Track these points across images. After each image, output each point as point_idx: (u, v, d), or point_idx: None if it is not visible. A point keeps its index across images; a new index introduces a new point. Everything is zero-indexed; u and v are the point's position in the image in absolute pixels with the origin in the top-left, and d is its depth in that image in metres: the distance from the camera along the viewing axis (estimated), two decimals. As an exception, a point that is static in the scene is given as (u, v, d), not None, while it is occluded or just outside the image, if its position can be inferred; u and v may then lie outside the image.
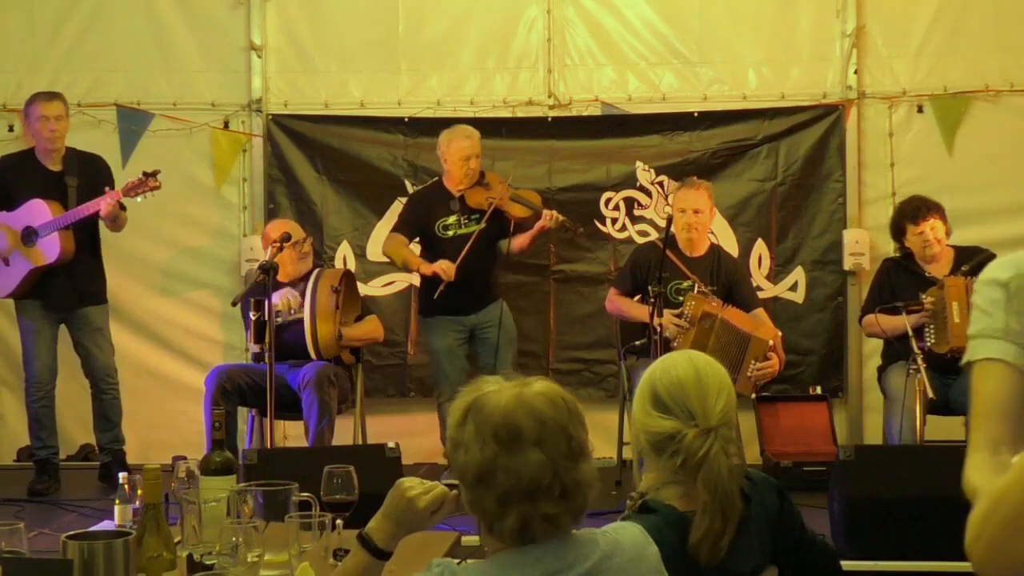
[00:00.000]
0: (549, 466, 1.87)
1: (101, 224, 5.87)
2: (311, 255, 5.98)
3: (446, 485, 2.12)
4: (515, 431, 1.88)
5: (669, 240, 5.59)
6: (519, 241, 5.96)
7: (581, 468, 1.91)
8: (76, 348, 5.98)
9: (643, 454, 2.33)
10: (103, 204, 5.61)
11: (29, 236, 5.74)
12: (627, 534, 2.01)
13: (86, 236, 5.85)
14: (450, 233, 5.93)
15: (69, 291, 5.83)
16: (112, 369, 5.99)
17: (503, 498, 1.87)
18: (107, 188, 5.72)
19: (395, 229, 6.09)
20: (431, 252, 5.92)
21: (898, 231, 5.67)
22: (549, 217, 5.84)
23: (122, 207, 5.78)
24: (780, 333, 5.70)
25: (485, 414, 1.91)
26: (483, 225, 5.83)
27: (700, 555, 2.17)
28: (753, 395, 5.66)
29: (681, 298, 5.60)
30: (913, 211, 5.59)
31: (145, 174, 5.68)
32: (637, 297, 5.80)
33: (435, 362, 6.04)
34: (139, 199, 5.70)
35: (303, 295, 5.66)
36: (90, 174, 5.87)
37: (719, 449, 2.24)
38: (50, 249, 5.72)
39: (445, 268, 5.75)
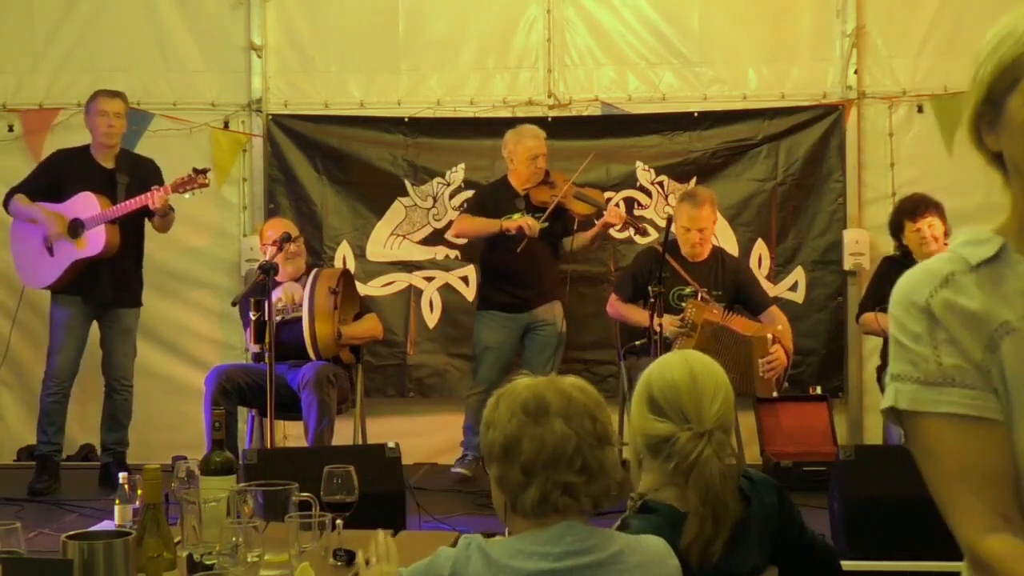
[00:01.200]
0: (573, 438, 1.98)
1: (147, 226, 5.92)
2: (302, 255, 5.97)
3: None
4: (542, 404, 2.00)
5: (671, 245, 5.60)
6: (582, 239, 6.00)
7: (606, 451, 2.02)
8: (101, 343, 5.99)
9: (641, 456, 2.33)
10: (155, 197, 5.61)
11: (76, 228, 5.75)
12: (651, 541, 2.06)
13: (132, 235, 5.87)
14: None
15: (109, 287, 5.84)
16: (129, 372, 6.01)
17: (527, 467, 1.97)
18: (154, 187, 5.73)
19: (466, 212, 6.17)
20: (495, 249, 6.00)
21: (896, 228, 5.68)
22: (614, 214, 5.89)
23: (170, 206, 5.80)
24: (781, 327, 5.71)
25: (515, 393, 2.03)
26: (546, 224, 5.90)
27: (691, 559, 2.17)
28: (775, 393, 5.66)
29: (683, 304, 5.60)
30: (912, 208, 5.60)
31: (195, 170, 5.71)
32: (639, 303, 5.81)
33: (480, 355, 6.09)
34: (188, 195, 5.72)
35: (302, 296, 5.65)
36: (141, 174, 5.88)
37: (711, 453, 2.23)
38: (95, 241, 5.73)
39: (531, 224, 5.81)
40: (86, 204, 5.75)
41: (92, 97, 5.91)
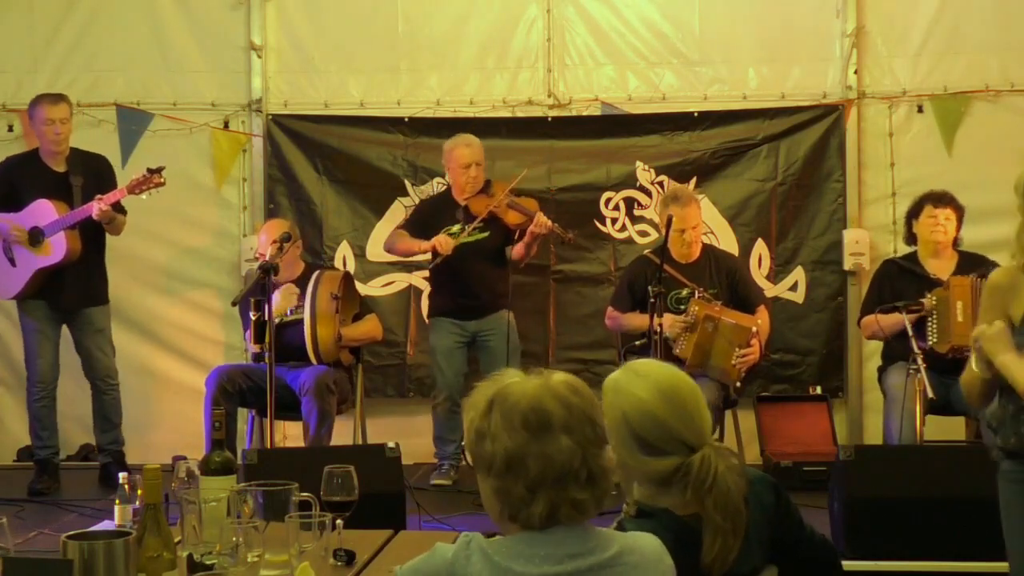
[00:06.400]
0: (578, 452, 1.92)
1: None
2: (298, 256, 5.96)
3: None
4: (544, 418, 1.92)
5: (662, 250, 5.61)
6: (517, 249, 5.94)
7: (605, 454, 1.96)
8: (77, 348, 5.98)
9: (640, 484, 2.29)
10: (94, 208, 5.62)
11: (36, 236, 5.75)
12: (647, 540, 2.04)
13: (91, 236, 5.86)
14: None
15: (74, 292, 5.84)
16: (113, 370, 6.00)
17: (533, 484, 1.91)
18: (113, 188, 5.73)
19: (400, 227, 6.15)
20: (440, 261, 5.93)
21: (914, 213, 5.64)
22: (539, 224, 5.79)
23: (121, 210, 5.79)
24: (761, 321, 5.71)
25: (511, 402, 1.93)
26: (487, 234, 5.86)
27: (712, 573, 2.17)
28: (738, 383, 5.66)
29: (682, 307, 5.60)
30: (938, 195, 5.59)
31: (149, 170, 5.71)
32: (636, 311, 5.81)
33: (433, 362, 6.09)
34: (144, 196, 5.72)
35: (302, 298, 5.65)
36: (94, 173, 5.89)
37: (724, 468, 2.21)
38: (57, 248, 5.73)
39: (442, 242, 5.79)
40: (43, 211, 5.75)
41: (34, 103, 5.86)
